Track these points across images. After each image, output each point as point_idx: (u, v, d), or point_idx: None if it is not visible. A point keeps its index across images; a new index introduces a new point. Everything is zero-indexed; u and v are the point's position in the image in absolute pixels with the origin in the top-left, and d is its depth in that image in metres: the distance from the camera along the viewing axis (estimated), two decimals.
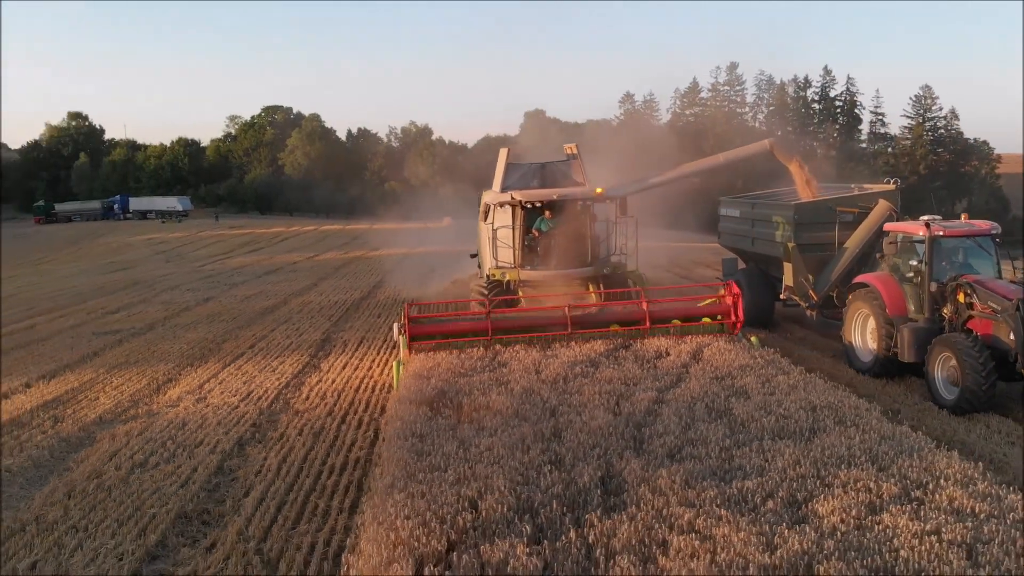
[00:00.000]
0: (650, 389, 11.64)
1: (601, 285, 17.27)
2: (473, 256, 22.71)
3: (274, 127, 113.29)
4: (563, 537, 7.30)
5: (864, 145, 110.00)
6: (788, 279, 17.39)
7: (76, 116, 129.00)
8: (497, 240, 17.55)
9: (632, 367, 12.93)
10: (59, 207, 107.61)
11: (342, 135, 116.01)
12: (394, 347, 16.50)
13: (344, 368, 16.32)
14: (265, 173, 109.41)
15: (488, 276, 17.95)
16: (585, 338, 14.24)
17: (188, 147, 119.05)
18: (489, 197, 18.27)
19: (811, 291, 16.86)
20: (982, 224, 13.79)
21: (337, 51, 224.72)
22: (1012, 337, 11.68)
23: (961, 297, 12.64)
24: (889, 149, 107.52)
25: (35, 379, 16.48)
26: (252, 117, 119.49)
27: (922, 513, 7.43)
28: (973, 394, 11.81)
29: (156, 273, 41.71)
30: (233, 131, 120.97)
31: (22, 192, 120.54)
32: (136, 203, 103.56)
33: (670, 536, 7.18)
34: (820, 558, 6.62)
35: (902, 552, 6.72)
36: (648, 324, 14.58)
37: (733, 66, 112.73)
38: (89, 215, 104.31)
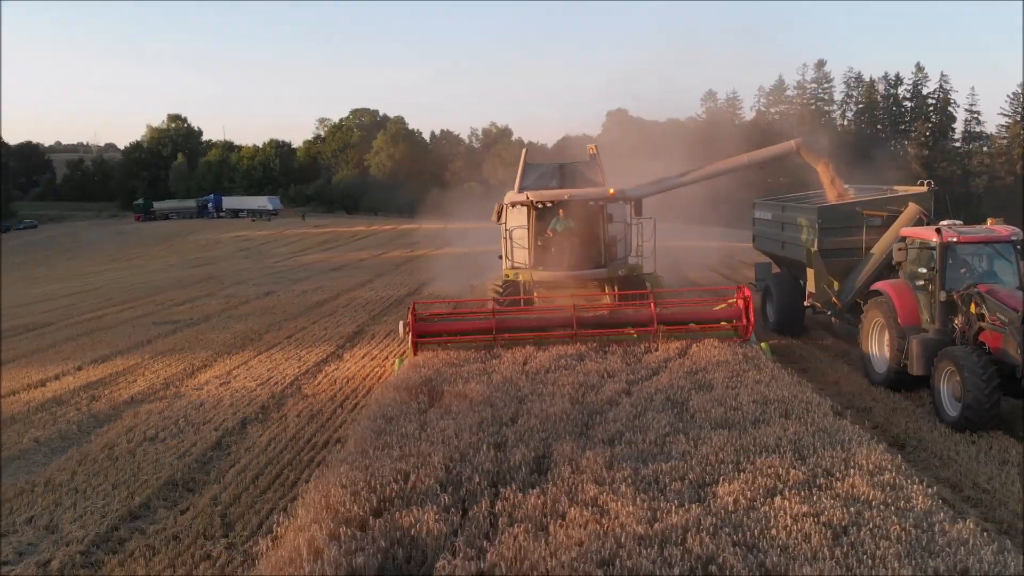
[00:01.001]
0: (622, 381, 12.23)
1: (615, 287, 17.32)
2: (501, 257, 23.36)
3: (361, 129, 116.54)
4: (475, 507, 8.05)
5: (958, 144, 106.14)
6: (811, 285, 17.03)
7: (175, 118, 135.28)
8: (511, 241, 17.88)
9: (615, 361, 13.50)
10: (157, 205, 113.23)
11: (427, 136, 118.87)
12: (402, 342, 17.33)
13: (363, 358, 17.30)
14: (352, 174, 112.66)
15: (503, 276, 18.19)
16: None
17: (279, 148, 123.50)
18: (507, 198, 18.49)
19: (834, 298, 16.46)
20: (1002, 230, 12.95)
21: (425, 53, 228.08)
22: (1019, 351, 10.94)
23: (973, 308, 11.90)
24: (984, 148, 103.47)
25: (87, 363, 18.05)
26: (340, 119, 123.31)
27: (815, 498, 7.87)
28: (974, 411, 11.11)
29: (232, 269, 43.93)
30: (322, 133, 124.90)
31: (125, 191, 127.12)
32: (229, 202, 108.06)
33: (569, 508, 7.84)
34: (694, 532, 7.17)
35: (773, 530, 7.22)
36: (655, 328, 14.50)
37: (821, 63, 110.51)
38: (185, 213, 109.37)
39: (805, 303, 17.67)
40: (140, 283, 39.65)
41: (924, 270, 13.10)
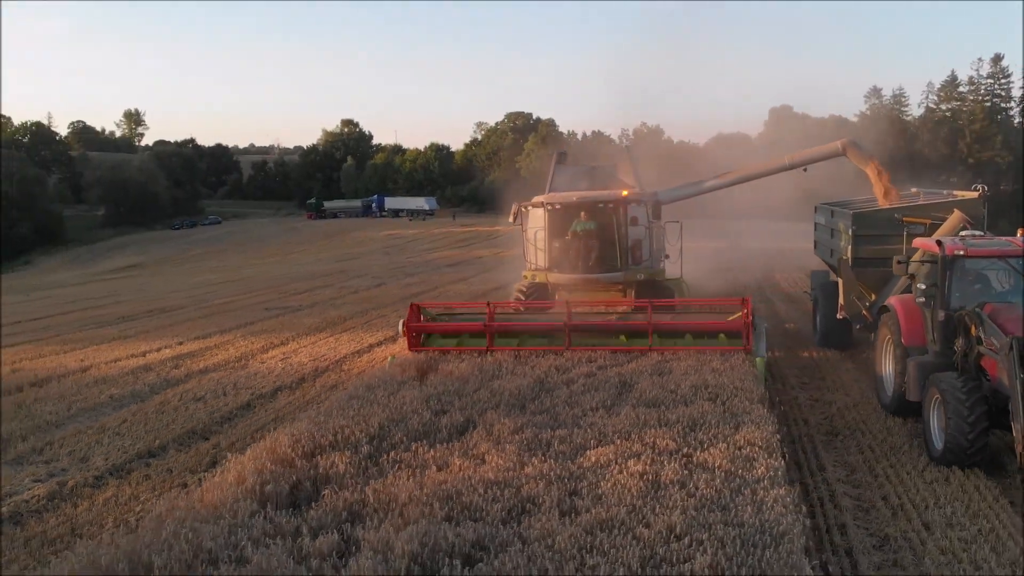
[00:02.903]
0: (591, 367, 13.40)
1: (633, 292, 17.10)
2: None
3: (514, 132, 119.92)
4: (386, 455, 9.67)
5: None
6: (842, 296, 16.22)
7: (348, 123, 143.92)
8: (529, 243, 17.93)
9: (600, 351, 14.54)
10: (327, 204, 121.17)
11: (580, 138, 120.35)
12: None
13: None
14: (503, 176, 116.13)
15: (523, 278, 18.17)
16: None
17: (439, 151, 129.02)
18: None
19: (865, 311, 15.15)
20: (1020, 242, 11.50)
21: (574, 54, 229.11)
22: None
23: (973, 330, 10.63)
24: None
25: (189, 339, 21.00)
26: (496, 123, 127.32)
27: (661, 461, 8.96)
28: (956, 446, 9.96)
29: (366, 263, 47.40)
30: (479, 136, 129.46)
31: (301, 190, 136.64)
32: (390, 202, 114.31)
33: (457, 459, 9.33)
34: (535, 480, 8.51)
35: (603, 483, 8.44)
36: (651, 337, 14.00)
37: (998, 57, 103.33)
38: (351, 212, 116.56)
39: (838, 315, 16.57)
40: (281, 274, 43.62)
41: (924, 286, 11.90)
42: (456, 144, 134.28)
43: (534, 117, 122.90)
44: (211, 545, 7.30)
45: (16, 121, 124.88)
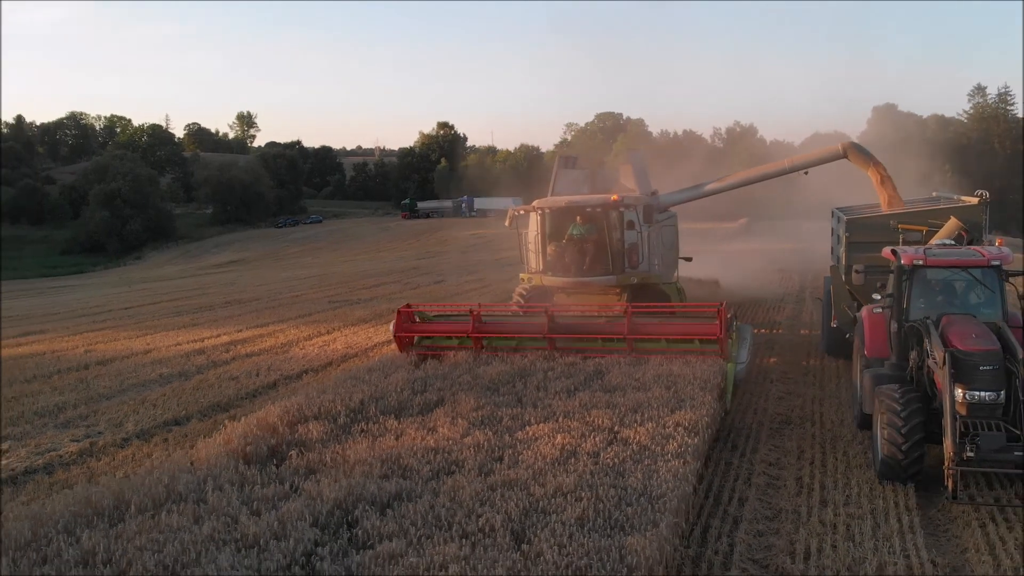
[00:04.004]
0: (576, 356, 14.35)
1: (626, 295, 17.12)
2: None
3: (604, 133, 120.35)
4: (357, 426, 11.06)
5: None
6: (834, 304, 15.65)
7: (444, 125, 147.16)
8: (526, 246, 18.10)
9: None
10: (421, 205, 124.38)
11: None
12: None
13: None
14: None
15: (522, 281, 18.33)
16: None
17: (529, 152, 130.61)
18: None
19: (855, 319, 14.12)
20: (988, 252, 11.02)
21: (663, 52, 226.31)
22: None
23: (926, 342, 10.18)
24: None
25: (249, 327, 23.05)
26: (586, 124, 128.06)
27: (588, 436, 10.08)
28: (891, 458, 9.69)
29: (439, 261, 49.33)
30: (569, 137, 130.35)
31: (399, 191, 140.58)
32: (479, 203, 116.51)
33: (413, 431, 10.68)
34: (469, 447, 9.77)
35: (526, 452, 9.62)
36: (627, 340, 14.13)
37: None
38: (443, 212, 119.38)
39: (832, 324, 15.90)
40: (361, 271, 45.88)
41: (878, 296, 11.91)
42: (546, 145, 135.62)
43: (624, 117, 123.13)
44: (181, 489, 8.85)
45: (136, 122, 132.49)
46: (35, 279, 58.71)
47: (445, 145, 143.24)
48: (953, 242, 12.81)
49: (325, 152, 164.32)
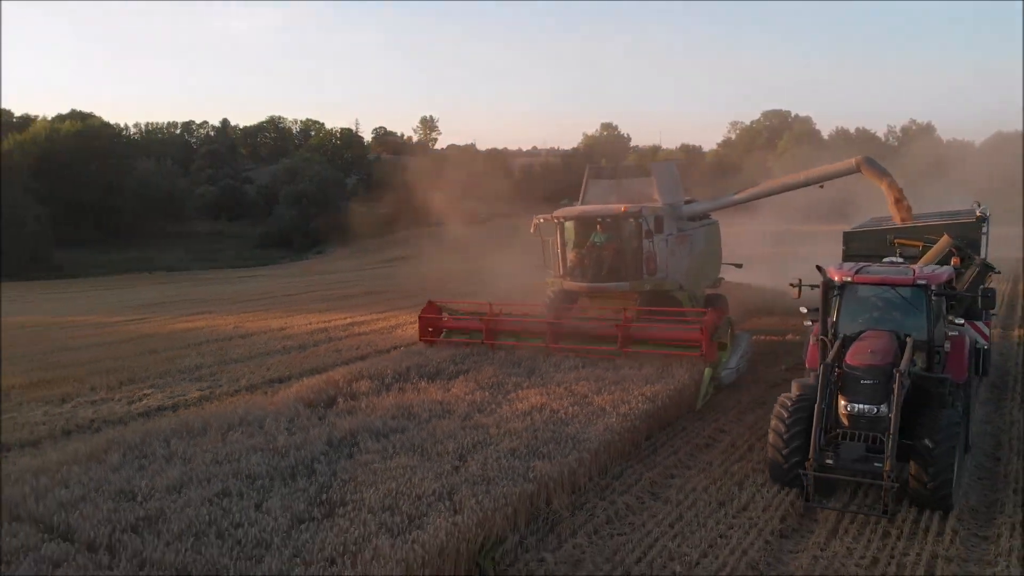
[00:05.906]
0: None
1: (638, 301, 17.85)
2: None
3: (769, 131, 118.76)
4: (397, 384, 14.27)
5: None
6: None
7: (607, 126, 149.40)
8: (551, 252, 19.09)
9: None
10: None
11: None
12: None
13: None
14: (755, 174, 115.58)
15: (548, 285, 19.49)
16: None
17: (691, 152, 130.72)
18: (560, 212, 19.01)
19: None
20: (918, 271, 11.44)
21: (833, 48, 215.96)
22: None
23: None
24: None
25: (372, 313, 26.93)
26: (751, 122, 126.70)
27: (563, 398, 12.86)
28: (772, 461, 10.42)
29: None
30: (733, 136, 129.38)
31: (562, 191, 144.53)
32: None
33: (433, 390, 13.79)
34: (463, 401, 12.70)
35: (504, 406, 12.53)
36: (621, 343, 15.74)
37: None
38: None
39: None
40: (494, 267, 49.17)
41: (805, 310, 12.07)
42: (708, 144, 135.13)
43: (792, 115, 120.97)
44: (250, 419, 12.34)
45: (327, 126, 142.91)
46: (229, 269, 66.14)
47: (607, 145, 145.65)
48: (903, 260, 13.22)
49: (495, 154, 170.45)
